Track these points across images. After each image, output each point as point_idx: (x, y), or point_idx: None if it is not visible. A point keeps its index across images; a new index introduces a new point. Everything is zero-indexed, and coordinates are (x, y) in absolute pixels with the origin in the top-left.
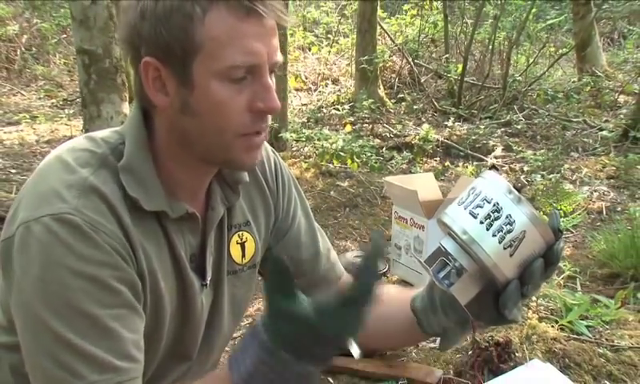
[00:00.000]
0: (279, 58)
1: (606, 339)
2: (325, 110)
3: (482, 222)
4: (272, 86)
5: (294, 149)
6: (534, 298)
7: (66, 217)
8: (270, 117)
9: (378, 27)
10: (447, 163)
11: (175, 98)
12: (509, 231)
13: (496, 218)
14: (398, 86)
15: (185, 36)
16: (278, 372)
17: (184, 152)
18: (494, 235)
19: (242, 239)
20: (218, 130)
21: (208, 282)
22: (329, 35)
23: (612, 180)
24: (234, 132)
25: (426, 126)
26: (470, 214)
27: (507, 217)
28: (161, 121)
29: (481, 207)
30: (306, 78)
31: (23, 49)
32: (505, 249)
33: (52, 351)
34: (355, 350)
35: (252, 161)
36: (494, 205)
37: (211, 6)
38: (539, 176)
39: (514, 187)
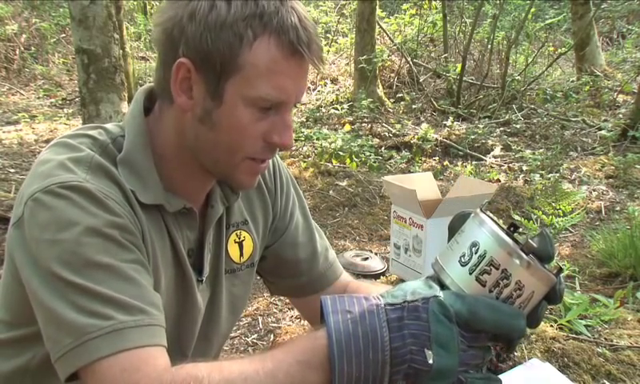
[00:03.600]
0: (304, 98)
1: (605, 338)
2: (324, 110)
3: (491, 291)
4: (292, 124)
5: (293, 148)
6: None
7: (76, 184)
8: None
9: (377, 27)
10: (446, 162)
11: (199, 105)
12: (518, 296)
13: (506, 285)
14: (396, 86)
15: (229, 53)
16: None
17: (189, 156)
18: (504, 303)
19: (239, 238)
20: (230, 148)
21: (204, 279)
22: (328, 35)
23: (611, 179)
24: (243, 154)
25: (424, 125)
26: (477, 281)
27: (517, 283)
28: (173, 119)
29: (488, 274)
30: None
31: (22, 48)
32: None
33: (76, 303)
34: None
35: (251, 184)
36: (503, 271)
37: (263, 33)
38: (538, 175)
39: (520, 242)
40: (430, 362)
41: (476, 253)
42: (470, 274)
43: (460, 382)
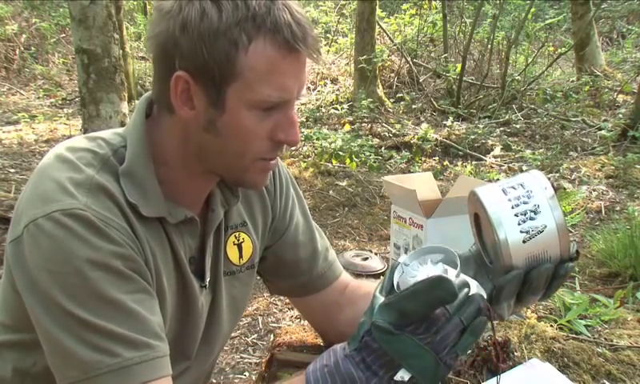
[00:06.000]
0: (305, 90)
1: (605, 338)
2: (324, 110)
3: (509, 200)
4: (296, 120)
5: (293, 148)
6: None
7: (77, 212)
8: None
9: (377, 27)
10: (446, 162)
11: (201, 115)
12: (531, 218)
13: (524, 202)
14: (396, 86)
15: (226, 61)
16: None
17: (195, 162)
18: (516, 215)
19: (238, 240)
20: (238, 153)
21: (207, 284)
22: (327, 35)
23: (611, 179)
24: (252, 156)
25: (424, 125)
26: (502, 190)
27: (535, 205)
28: (176, 129)
29: (514, 189)
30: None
31: (22, 48)
32: (521, 232)
33: (83, 338)
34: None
35: (263, 182)
36: (527, 191)
37: (258, 36)
38: None
39: (553, 187)
40: (406, 378)
41: (512, 179)
42: (499, 187)
43: (450, 360)
